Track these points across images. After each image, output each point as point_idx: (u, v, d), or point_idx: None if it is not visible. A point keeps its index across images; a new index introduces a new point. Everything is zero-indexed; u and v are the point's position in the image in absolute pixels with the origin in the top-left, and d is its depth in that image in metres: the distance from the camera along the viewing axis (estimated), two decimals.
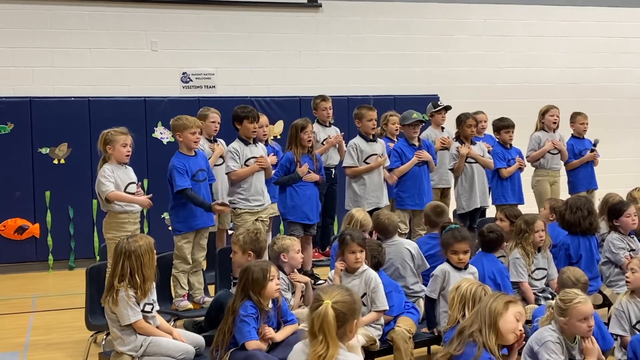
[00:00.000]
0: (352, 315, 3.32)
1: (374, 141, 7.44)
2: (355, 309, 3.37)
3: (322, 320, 3.22)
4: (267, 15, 10.35)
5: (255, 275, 4.57)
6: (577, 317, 4.22)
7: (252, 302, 4.56)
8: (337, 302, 3.30)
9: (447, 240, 5.29)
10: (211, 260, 6.82)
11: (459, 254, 5.19)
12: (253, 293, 4.55)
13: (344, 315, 3.29)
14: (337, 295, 3.34)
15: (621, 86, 11.73)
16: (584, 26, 11.60)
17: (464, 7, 11.09)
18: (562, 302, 4.27)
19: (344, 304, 3.31)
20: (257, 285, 4.56)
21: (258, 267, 4.63)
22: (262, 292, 4.57)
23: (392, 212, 6.17)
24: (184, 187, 6.21)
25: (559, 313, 4.27)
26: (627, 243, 6.20)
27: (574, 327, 4.24)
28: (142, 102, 9.64)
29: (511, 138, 8.31)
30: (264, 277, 4.57)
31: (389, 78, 10.66)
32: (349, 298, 3.37)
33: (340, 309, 3.29)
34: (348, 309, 3.32)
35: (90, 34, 9.73)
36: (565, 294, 4.31)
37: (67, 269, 9.38)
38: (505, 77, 11.23)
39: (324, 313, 3.23)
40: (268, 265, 4.70)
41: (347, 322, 3.30)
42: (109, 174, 5.90)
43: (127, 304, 4.73)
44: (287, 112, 9.80)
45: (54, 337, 6.52)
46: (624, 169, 11.02)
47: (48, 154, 9.32)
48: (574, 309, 4.22)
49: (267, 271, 4.60)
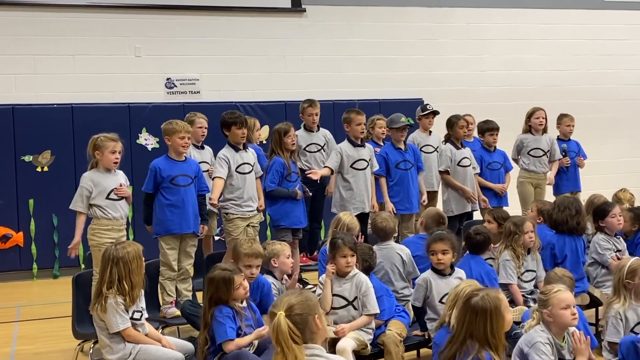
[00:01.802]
0: (309, 313, 3.28)
1: (361, 146, 7.41)
2: (310, 305, 3.32)
3: (276, 331, 3.22)
4: (252, 20, 10.33)
5: (220, 288, 4.64)
6: (558, 305, 4.26)
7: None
8: (290, 308, 3.27)
9: (428, 242, 5.33)
10: (199, 267, 6.77)
11: (437, 254, 5.19)
12: (220, 302, 4.62)
13: (301, 317, 3.26)
14: (286, 302, 3.30)
15: (602, 88, 11.83)
16: (564, 29, 11.69)
17: (447, 11, 11.14)
18: (542, 295, 4.37)
19: (297, 306, 3.27)
20: (223, 295, 4.63)
21: (221, 278, 4.68)
22: (229, 301, 4.66)
23: (390, 216, 6.15)
24: (147, 191, 6.29)
25: (541, 306, 4.33)
26: (613, 244, 6.23)
27: (558, 316, 4.26)
28: (126, 108, 9.58)
29: (495, 141, 8.36)
30: (227, 290, 4.65)
31: (374, 82, 10.67)
32: (301, 297, 3.33)
33: (295, 312, 3.25)
34: (302, 308, 3.28)
35: (73, 40, 9.66)
36: (544, 288, 4.44)
37: (52, 277, 9.30)
38: (488, 80, 11.29)
39: (277, 324, 3.22)
40: (231, 275, 4.71)
41: (307, 322, 3.27)
42: (88, 184, 5.95)
43: (116, 311, 4.69)
44: (272, 117, 9.76)
45: (39, 346, 6.46)
46: (606, 170, 11.09)
47: (31, 161, 9.24)
48: (554, 297, 4.28)
49: (231, 282, 4.66)
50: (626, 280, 4.87)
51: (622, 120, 11.93)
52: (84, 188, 5.98)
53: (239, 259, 5.26)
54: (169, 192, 6.28)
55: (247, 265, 5.19)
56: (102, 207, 5.98)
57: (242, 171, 6.77)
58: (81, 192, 5.99)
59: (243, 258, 5.22)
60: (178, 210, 6.27)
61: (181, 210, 6.28)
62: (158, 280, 6.26)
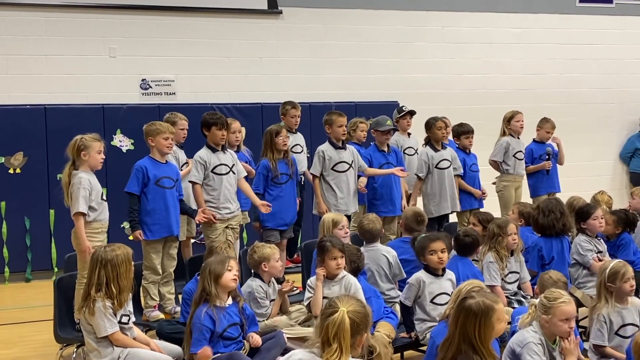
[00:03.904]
0: (364, 328, 3.27)
1: (342, 148, 7.42)
2: (368, 322, 3.32)
3: (337, 327, 3.15)
4: (228, 22, 10.25)
5: (214, 264, 4.76)
6: (559, 317, 4.26)
7: (205, 307, 4.64)
8: (352, 312, 3.24)
9: (422, 244, 5.31)
10: (180, 270, 6.71)
11: (437, 252, 5.20)
12: (209, 283, 4.68)
13: (357, 326, 3.23)
14: (352, 304, 3.28)
15: (574, 92, 11.97)
16: (537, 33, 11.79)
17: (422, 15, 11.17)
18: (546, 300, 4.31)
19: (358, 314, 3.25)
20: (214, 273, 4.71)
21: (219, 257, 4.91)
22: (219, 280, 4.70)
23: (377, 218, 6.16)
24: (132, 191, 6.17)
25: (542, 311, 4.30)
26: (594, 245, 6.31)
27: (555, 326, 4.27)
28: (100, 110, 9.44)
29: (471, 143, 8.41)
30: (222, 266, 4.73)
31: (350, 85, 10.68)
32: (363, 310, 3.32)
33: (354, 318, 3.23)
34: (362, 320, 3.26)
35: (46, 40, 9.47)
36: (550, 293, 4.36)
37: (24, 281, 9.11)
38: (463, 83, 11.35)
39: (341, 320, 3.17)
40: (228, 258, 4.88)
41: (358, 334, 3.23)
42: (87, 186, 5.70)
43: (104, 315, 4.63)
44: (248, 118, 9.73)
45: (17, 351, 6.33)
46: (578, 173, 11.23)
47: (3, 163, 9.05)
48: (558, 308, 4.27)
49: (226, 261, 4.79)
50: (608, 284, 4.91)
51: (590, 123, 12.09)
52: (85, 189, 5.69)
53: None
54: (155, 194, 6.21)
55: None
56: (95, 209, 5.82)
57: (219, 172, 6.73)
58: (84, 194, 5.69)
59: None
60: (164, 213, 6.21)
61: (166, 213, 6.23)
62: (140, 284, 6.17)
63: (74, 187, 5.70)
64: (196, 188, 6.68)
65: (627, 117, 12.37)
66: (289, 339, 4.94)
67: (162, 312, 6.20)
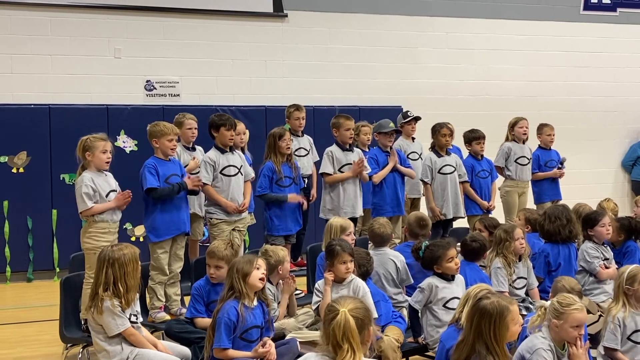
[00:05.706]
0: (368, 322, 3.31)
1: (350, 150, 7.45)
2: (369, 314, 3.38)
3: (343, 328, 3.18)
4: (233, 24, 10.26)
5: (241, 263, 4.66)
6: (571, 323, 4.24)
7: (235, 303, 4.54)
8: (353, 310, 3.28)
9: (436, 254, 5.22)
10: (186, 271, 6.68)
11: (454, 259, 5.20)
12: (237, 281, 4.58)
13: (361, 322, 3.27)
14: (350, 303, 3.33)
15: (577, 99, 12.01)
16: (541, 40, 11.84)
17: (427, 20, 11.21)
18: (559, 305, 4.28)
19: (359, 311, 3.30)
20: (242, 272, 4.62)
21: (246, 256, 4.85)
22: (247, 279, 4.61)
23: (387, 222, 6.15)
24: (153, 186, 6.07)
25: (554, 315, 4.28)
26: (601, 252, 6.29)
27: (565, 332, 4.26)
28: (104, 110, 9.43)
29: (482, 149, 8.41)
30: (250, 265, 4.65)
31: (354, 89, 10.70)
32: (362, 305, 3.38)
33: (357, 315, 3.27)
34: (364, 315, 3.31)
35: (51, 40, 9.48)
36: (564, 298, 4.33)
37: (26, 281, 9.07)
38: (466, 89, 11.38)
39: (345, 320, 3.20)
40: (255, 256, 4.83)
41: (364, 329, 3.28)
42: (88, 184, 5.68)
43: (113, 313, 4.60)
44: (252, 121, 9.69)
45: (20, 350, 6.31)
46: (580, 180, 11.24)
47: (7, 162, 9.03)
48: (570, 314, 4.25)
49: (254, 260, 4.72)
50: (626, 287, 4.90)
51: (593, 131, 12.12)
52: (88, 186, 5.67)
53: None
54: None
55: (208, 265, 5.36)
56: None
57: (228, 173, 6.74)
58: (87, 192, 5.66)
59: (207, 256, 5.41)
60: (175, 210, 6.20)
61: (177, 211, 6.22)
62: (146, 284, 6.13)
63: (76, 187, 5.75)
64: (207, 189, 6.67)
65: (629, 125, 12.42)
66: (300, 343, 4.91)
67: (167, 314, 6.16)
